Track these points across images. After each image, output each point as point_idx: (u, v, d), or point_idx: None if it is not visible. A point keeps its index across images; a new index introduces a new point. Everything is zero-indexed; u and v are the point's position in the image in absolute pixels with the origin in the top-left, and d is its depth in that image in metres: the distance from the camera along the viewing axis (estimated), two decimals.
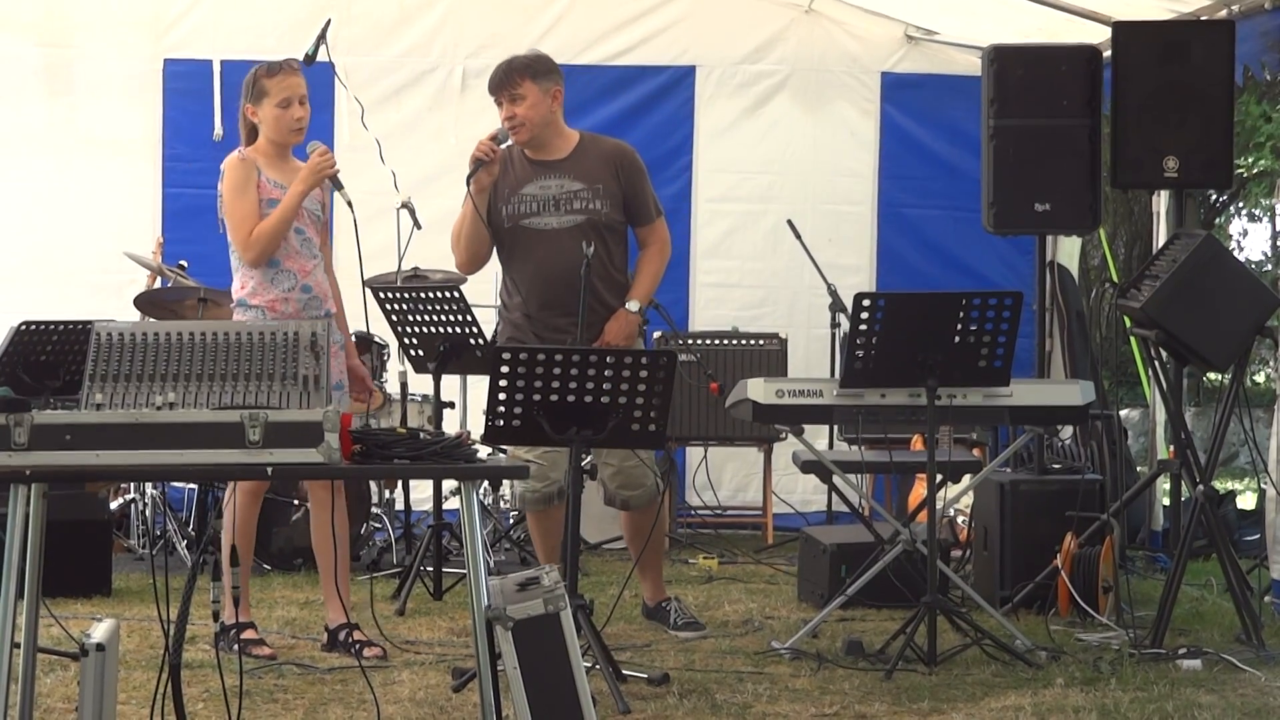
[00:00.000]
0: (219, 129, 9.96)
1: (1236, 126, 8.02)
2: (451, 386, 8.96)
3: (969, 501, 8.25)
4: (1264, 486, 7.42)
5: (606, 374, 5.74)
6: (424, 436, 4.60)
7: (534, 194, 6.92)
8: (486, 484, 9.15)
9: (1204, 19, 8.04)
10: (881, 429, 7.08)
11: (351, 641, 6.49)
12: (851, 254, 10.37)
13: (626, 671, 6.10)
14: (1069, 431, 8.72)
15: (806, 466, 7.47)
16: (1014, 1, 8.87)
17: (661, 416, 5.84)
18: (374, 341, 9.03)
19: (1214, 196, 19.36)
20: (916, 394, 6.48)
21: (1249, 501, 10.90)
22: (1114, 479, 8.03)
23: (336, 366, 6.62)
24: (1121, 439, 8.93)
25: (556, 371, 5.73)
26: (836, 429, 9.47)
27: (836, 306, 9.48)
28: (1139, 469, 9.79)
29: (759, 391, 6.65)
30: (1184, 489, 7.40)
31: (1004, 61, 8.01)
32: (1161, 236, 8.91)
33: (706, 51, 10.30)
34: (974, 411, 6.71)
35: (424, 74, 10.25)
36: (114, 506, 8.94)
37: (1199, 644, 6.66)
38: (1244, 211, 21.30)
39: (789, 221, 9.60)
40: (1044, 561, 7.34)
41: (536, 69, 6.94)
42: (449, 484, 8.36)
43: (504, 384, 5.75)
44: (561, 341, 6.77)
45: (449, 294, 8.11)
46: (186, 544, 8.63)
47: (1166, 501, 9.08)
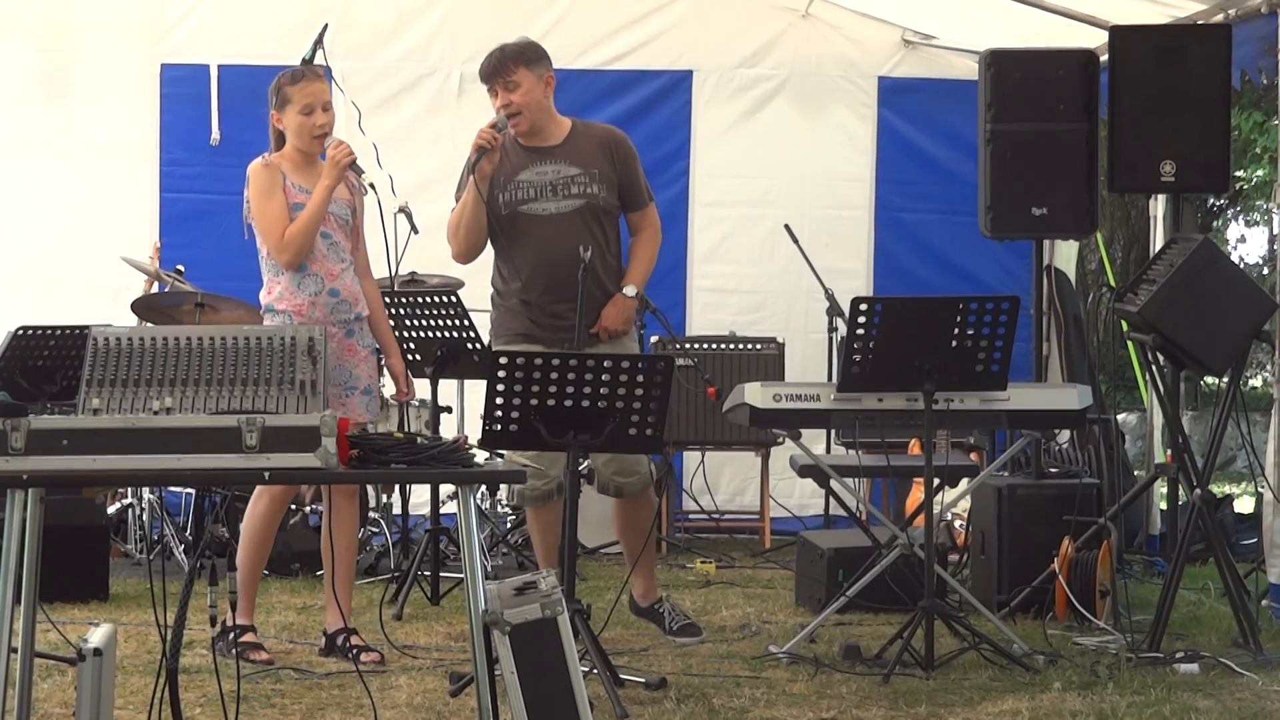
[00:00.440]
0: (216, 133, 9.96)
1: (1231, 138, 8.01)
2: (449, 391, 8.96)
3: (966, 506, 8.25)
4: (1261, 490, 7.42)
5: (604, 378, 5.75)
6: (421, 441, 4.60)
7: (531, 180, 6.91)
8: (484, 489, 9.15)
9: (1200, 24, 8.05)
10: (879, 433, 7.06)
11: (349, 646, 6.49)
12: (849, 258, 10.37)
13: (624, 676, 6.10)
14: (1066, 436, 8.72)
15: (804, 471, 7.47)
16: (1011, 6, 8.88)
17: (659, 421, 5.85)
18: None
19: (1211, 201, 19.37)
20: (914, 398, 6.49)
21: (1246, 505, 10.91)
22: (1111, 483, 8.04)
23: (366, 371, 6.64)
24: (1119, 443, 8.93)
25: (554, 376, 5.73)
26: (834, 433, 9.47)
27: (834, 311, 9.48)
28: (1136, 473, 9.79)
29: (756, 396, 6.65)
30: (1181, 493, 7.40)
31: (1001, 66, 8.02)
32: (1158, 241, 8.93)
33: (703, 56, 10.31)
34: (971, 416, 6.71)
35: (421, 79, 10.25)
36: (111, 511, 8.94)
37: (1196, 648, 6.66)
38: (1241, 216, 21.30)
39: (786, 226, 9.60)
40: (1041, 566, 7.34)
41: (529, 55, 6.95)
42: (446, 488, 8.36)
43: (501, 388, 5.75)
44: (560, 328, 6.80)
45: (446, 298, 8.11)
46: (184, 549, 8.62)
47: (1164, 505, 9.07)
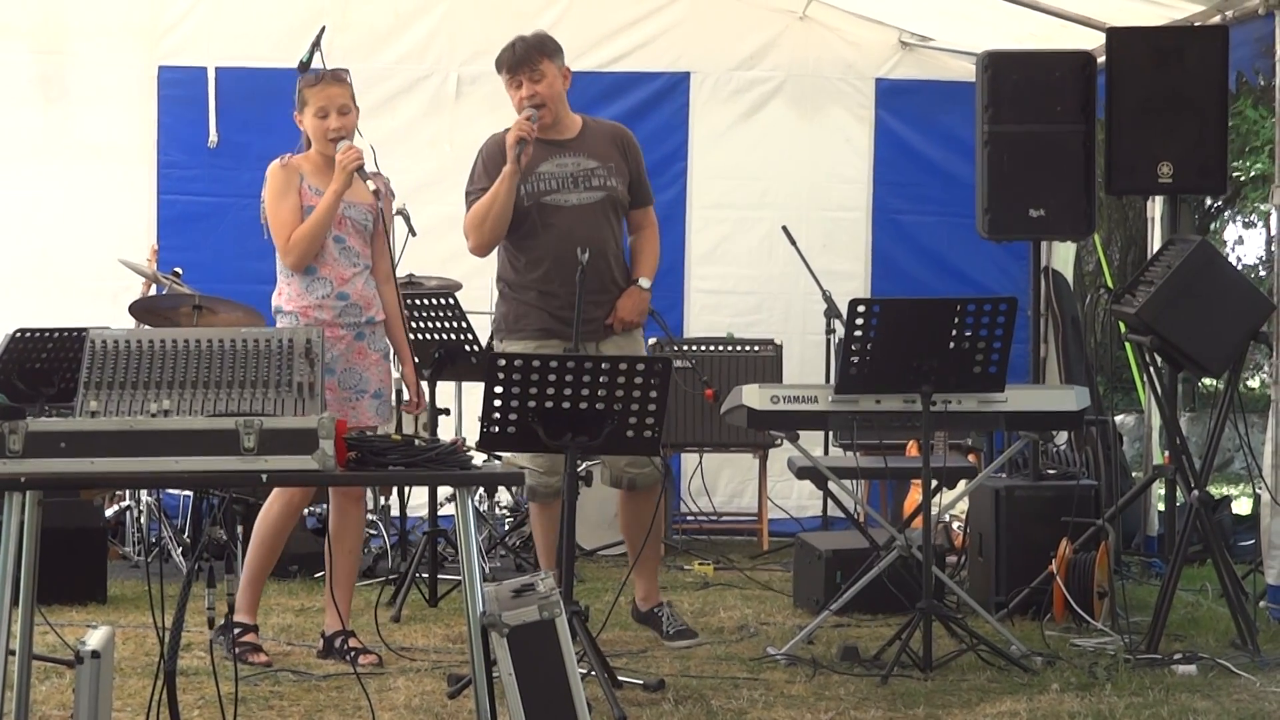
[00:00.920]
0: (214, 136, 9.97)
1: (1233, 130, 8.02)
2: (447, 393, 8.96)
3: (964, 507, 8.25)
4: (1259, 491, 7.42)
5: (602, 380, 5.75)
6: (419, 443, 4.60)
7: (551, 172, 6.92)
8: (482, 491, 9.15)
9: (1198, 25, 8.05)
10: (876, 435, 7.07)
11: (347, 648, 6.49)
12: (846, 260, 10.38)
13: (622, 678, 6.10)
14: (1064, 437, 8.72)
15: (802, 472, 7.47)
16: (1008, 7, 8.88)
17: (657, 422, 5.85)
18: None
19: (1209, 202, 19.38)
20: (911, 400, 6.49)
21: (1244, 507, 10.92)
22: (1109, 484, 8.05)
23: (377, 375, 6.65)
24: (1116, 444, 8.94)
25: (551, 378, 5.73)
26: (832, 435, 9.47)
27: (831, 312, 9.48)
28: (1134, 474, 9.78)
29: (754, 398, 6.65)
30: (1179, 494, 7.40)
31: (998, 67, 8.02)
32: (1156, 242, 8.93)
33: (701, 58, 10.31)
34: (969, 417, 6.72)
35: (418, 81, 10.26)
36: (109, 514, 8.93)
37: (1194, 649, 6.66)
38: (1239, 217, 21.31)
39: (784, 228, 9.61)
40: (1039, 567, 7.34)
41: (550, 47, 7.03)
42: (444, 491, 8.36)
43: (499, 390, 5.75)
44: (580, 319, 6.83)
45: (444, 301, 8.12)
46: (182, 551, 8.62)
47: (1161, 507, 9.07)
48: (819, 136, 10.44)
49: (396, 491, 9.09)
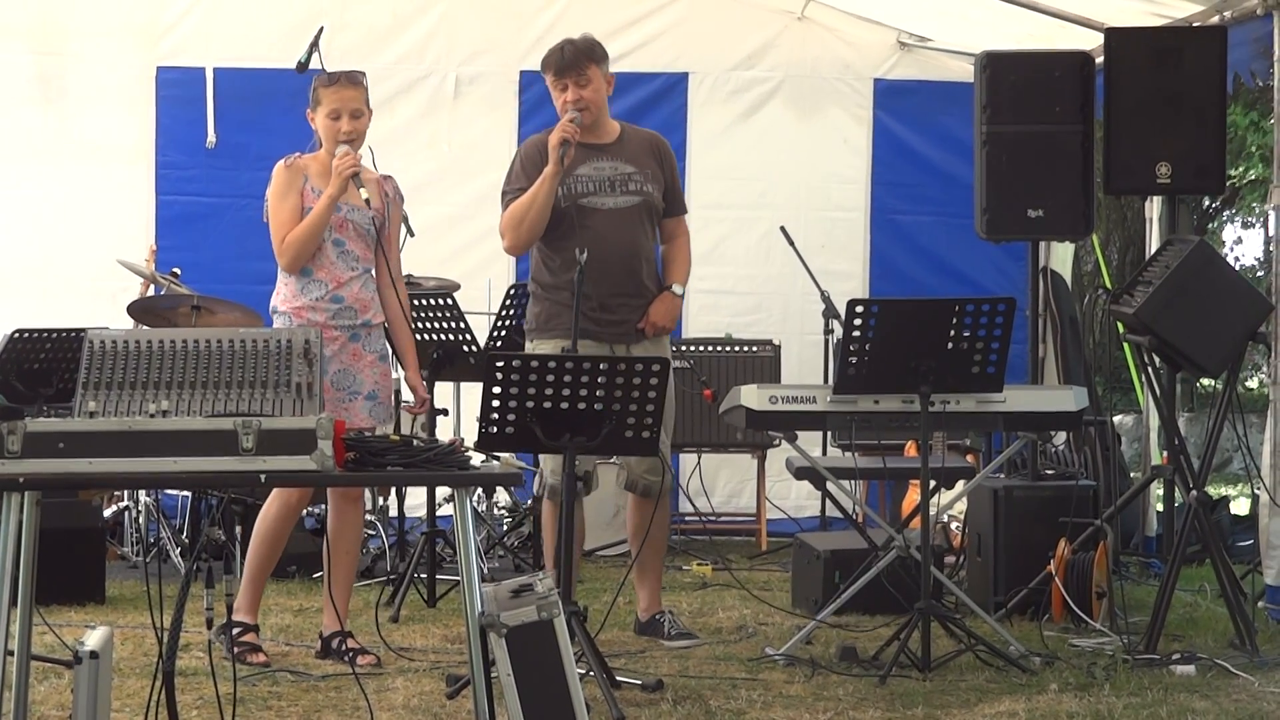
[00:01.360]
0: (212, 136, 9.97)
1: (1227, 135, 8.01)
2: (445, 393, 8.96)
3: (962, 508, 8.25)
4: (1257, 492, 7.43)
5: (600, 381, 5.75)
6: (417, 444, 4.60)
7: (589, 175, 6.95)
8: (480, 491, 9.15)
9: (1196, 25, 8.05)
10: (875, 435, 7.07)
11: (345, 649, 6.49)
12: (844, 260, 10.38)
13: (621, 678, 6.10)
14: (1062, 437, 8.72)
15: (800, 473, 7.47)
16: (1006, 8, 8.88)
17: (655, 423, 5.85)
18: None
19: (1207, 202, 19.39)
20: (910, 400, 6.49)
21: (1242, 507, 10.93)
22: (1107, 485, 8.04)
23: (372, 377, 6.64)
24: (1115, 445, 8.94)
25: (550, 379, 5.73)
26: (830, 435, 9.47)
27: (830, 313, 9.48)
28: (1132, 475, 9.79)
29: (752, 398, 6.65)
30: (1177, 494, 7.40)
31: (996, 68, 8.02)
32: (1154, 242, 8.92)
33: (699, 58, 10.31)
34: (967, 418, 6.72)
35: (417, 81, 10.26)
36: (107, 514, 8.93)
37: (1193, 649, 6.66)
38: (1237, 218, 21.33)
39: (782, 228, 9.60)
40: (1038, 567, 7.34)
41: (598, 54, 7.04)
42: (443, 491, 8.36)
43: (498, 391, 5.75)
44: (611, 322, 6.87)
45: (442, 301, 8.11)
46: (180, 551, 8.62)
47: (1160, 507, 9.07)
48: (817, 137, 10.45)
49: (395, 492, 9.09)
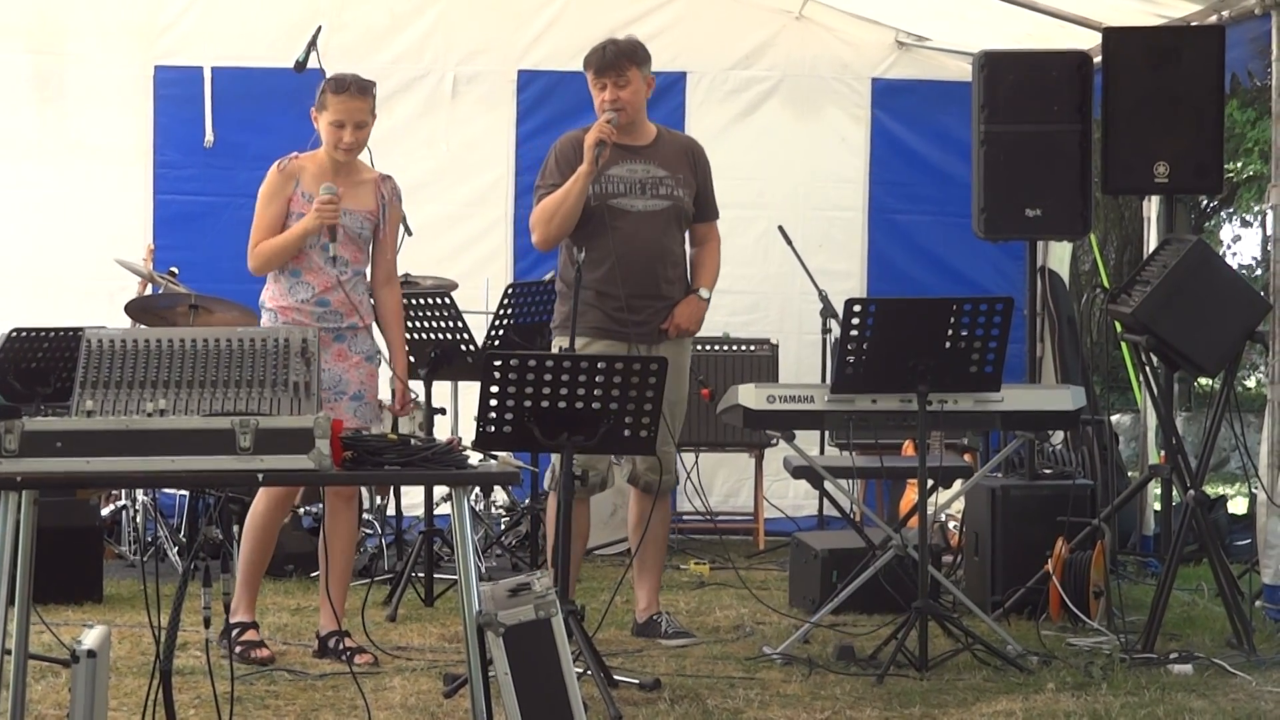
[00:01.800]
0: (210, 135, 9.96)
1: (1226, 131, 8.01)
2: (443, 392, 8.96)
3: (960, 507, 8.25)
4: (1255, 491, 7.43)
5: (598, 380, 5.75)
6: (415, 443, 4.60)
7: (622, 176, 6.97)
8: (478, 490, 9.15)
9: (1194, 25, 8.05)
10: (873, 434, 7.08)
11: (343, 648, 6.49)
12: (842, 260, 10.38)
13: (618, 677, 6.10)
14: (1060, 437, 8.72)
15: (798, 472, 7.47)
16: (1004, 8, 8.89)
17: (653, 422, 5.85)
18: None
19: (1205, 202, 19.39)
20: (908, 399, 6.49)
21: (1240, 506, 10.93)
22: (1105, 484, 8.04)
23: (358, 378, 6.65)
24: (1112, 444, 8.94)
25: (547, 378, 5.74)
26: (828, 434, 9.47)
27: (827, 312, 9.48)
28: (1130, 474, 9.79)
29: (750, 397, 6.65)
30: (1175, 494, 7.40)
31: (994, 67, 8.02)
32: (1152, 242, 8.93)
33: (697, 58, 10.31)
34: (965, 417, 6.72)
35: (414, 81, 10.26)
36: (105, 513, 8.92)
37: (1190, 649, 6.67)
38: (1235, 217, 21.33)
39: (780, 227, 9.60)
40: (1035, 567, 7.34)
41: (640, 56, 7.04)
42: (440, 490, 8.35)
43: (495, 390, 5.75)
44: (634, 323, 6.88)
45: (440, 300, 8.11)
46: (177, 550, 8.62)
47: (1157, 506, 9.07)
48: (815, 136, 10.45)
49: (392, 491, 9.09)
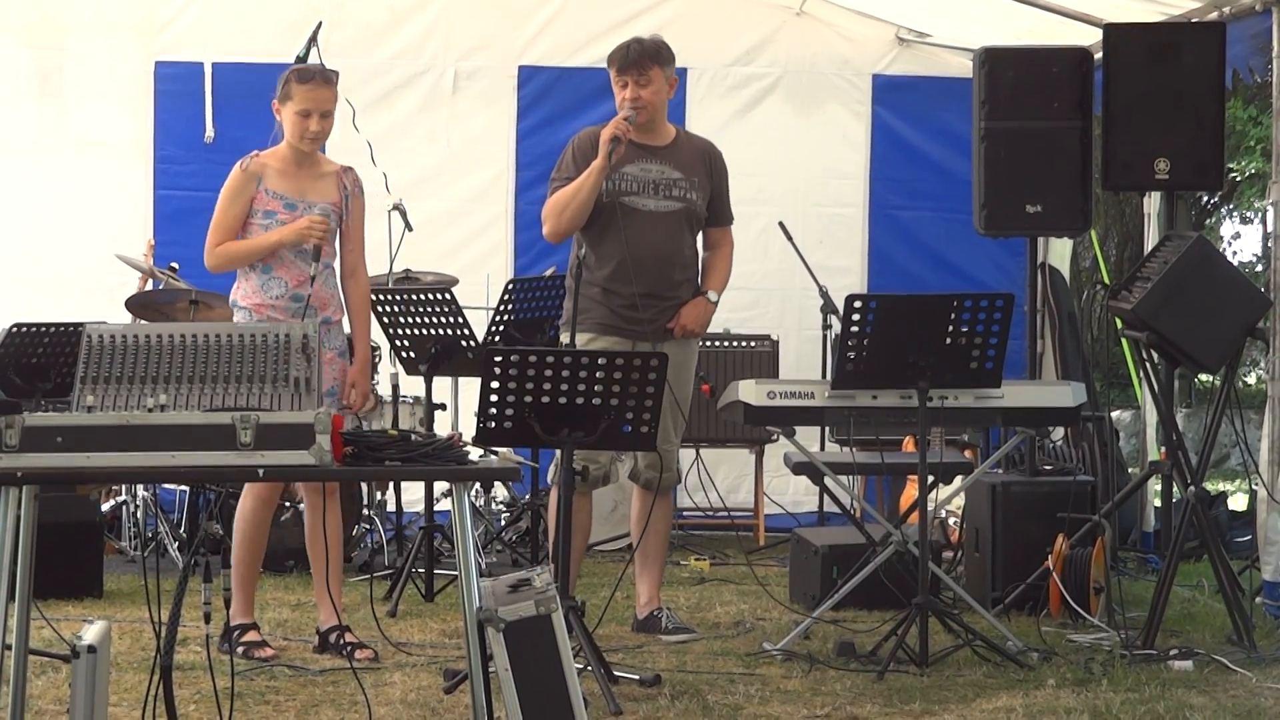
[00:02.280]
0: (210, 131, 9.96)
1: (1226, 130, 8.00)
2: (443, 388, 8.96)
3: (960, 503, 8.25)
4: (1255, 488, 7.43)
5: (598, 376, 5.75)
6: (415, 438, 4.60)
7: (635, 175, 7.00)
8: (478, 486, 9.15)
9: (1195, 21, 8.05)
10: (873, 431, 7.08)
11: (343, 643, 6.49)
12: (843, 256, 10.38)
13: (618, 673, 6.10)
14: (1060, 433, 8.72)
15: (798, 468, 7.47)
16: (1005, 4, 8.88)
17: (653, 418, 5.85)
18: None
19: (1205, 198, 19.37)
20: (908, 395, 6.49)
21: (1240, 503, 10.93)
22: (1105, 480, 8.04)
23: (330, 373, 6.64)
24: (1113, 440, 8.94)
25: (548, 374, 5.74)
26: (828, 430, 9.47)
27: (828, 308, 9.48)
28: (1130, 470, 9.79)
29: (750, 393, 6.66)
30: (1175, 490, 7.40)
31: (995, 63, 8.02)
32: (1153, 238, 8.92)
33: (697, 54, 10.29)
34: (965, 413, 6.72)
35: (415, 76, 10.25)
36: (105, 508, 8.93)
37: (1190, 645, 6.67)
38: (1235, 213, 21.32)
39: (780, 224, 9.60)
40: (1035, 563, 7.35)
41: (663, 56, 7.07)
42: (440, 486, 8.35)
43: (495, 385, 5.75)
44: (639, 320, 6.90)
45: (440, 296, 8.11)
46: (178, 546, 8.62)
47: (1158, 503, 9.07)
48: (816, 132, 10.44)
49: (393, 486, 9.09)
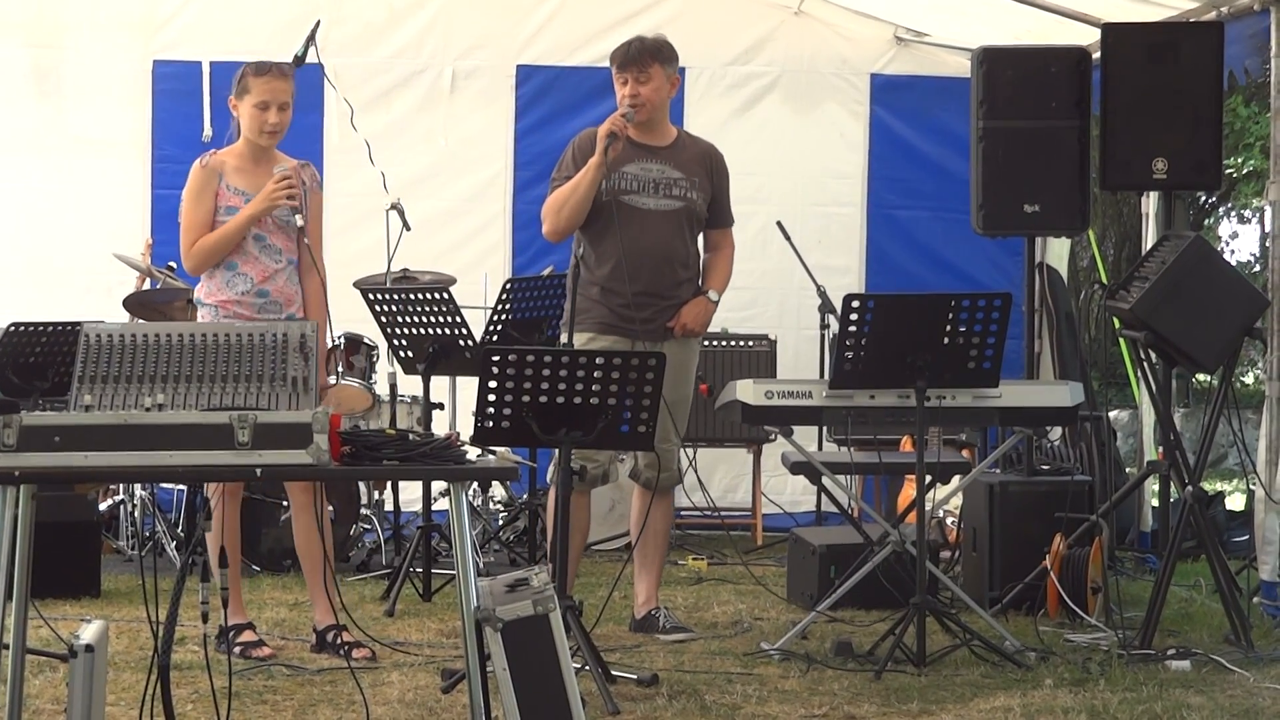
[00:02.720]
0: (208, 130, 9.95)
1: (1225, 128, 8.00)
2: (441, 388, 8.96)
3: (958, 503, 8.25)
4: (1253, 488, 7.43)
5: (596, 375, 5.75)
6: (413, 438, 4.60)
7: (635, 174, 7.01)
8: (475, 485, 9.15)
9: (1193, 21, 8.05)
10: (870, 430, 7.07)
11: (340, 642, 6.49)
12: (841, 255, 10.38)
13: (616, 672, 6.10)
14: (1058, 433, 8.72)
15: (796, 468, 7.47)
16: (1003, 3, 8.88)
17: (651, 418, 5.85)
18: (364, 343, 9.03)
19: (1203, 198, 19.38)
20: (906, 395, 6.49)
21: (1238, 503, 10.94)
22: (1103, 480, 8.04)
23: None
24: (1110, 440, 8.93)
25: (545, 373, 5.73)
26: (826, 430, 9.45)
27: (826, 308, 9.48)
28: (1128, 470, 9.78)
29: (748, 393, 6.66)
30: (1173, 490, 7.40)
31: (993, 63, 8.02)
32: (1150, 238, 8.92)
33: (696, 53, 10.27)
34: (963, 413, 6.72)
35: (413, 75, 10.25)
36: (103, 508, 8.91)
37: (1188, 645, 6.67)
38: (1233, 213, 21.34)
39: (778, 223, 9.60)
40: (1033, 562, 7.35)
41: (665, 54, 7.08)
42: (438, 485, 8.35)
43: (493, 385, 5.75)
44: (638, 319, 6.90)
45: (438, 295, 8.11)
46: (175, 545, 8.61)
47: (1155, 503, 9.08)
48: (814, 132, 10.44)
49: (390, 486, 9.08)
